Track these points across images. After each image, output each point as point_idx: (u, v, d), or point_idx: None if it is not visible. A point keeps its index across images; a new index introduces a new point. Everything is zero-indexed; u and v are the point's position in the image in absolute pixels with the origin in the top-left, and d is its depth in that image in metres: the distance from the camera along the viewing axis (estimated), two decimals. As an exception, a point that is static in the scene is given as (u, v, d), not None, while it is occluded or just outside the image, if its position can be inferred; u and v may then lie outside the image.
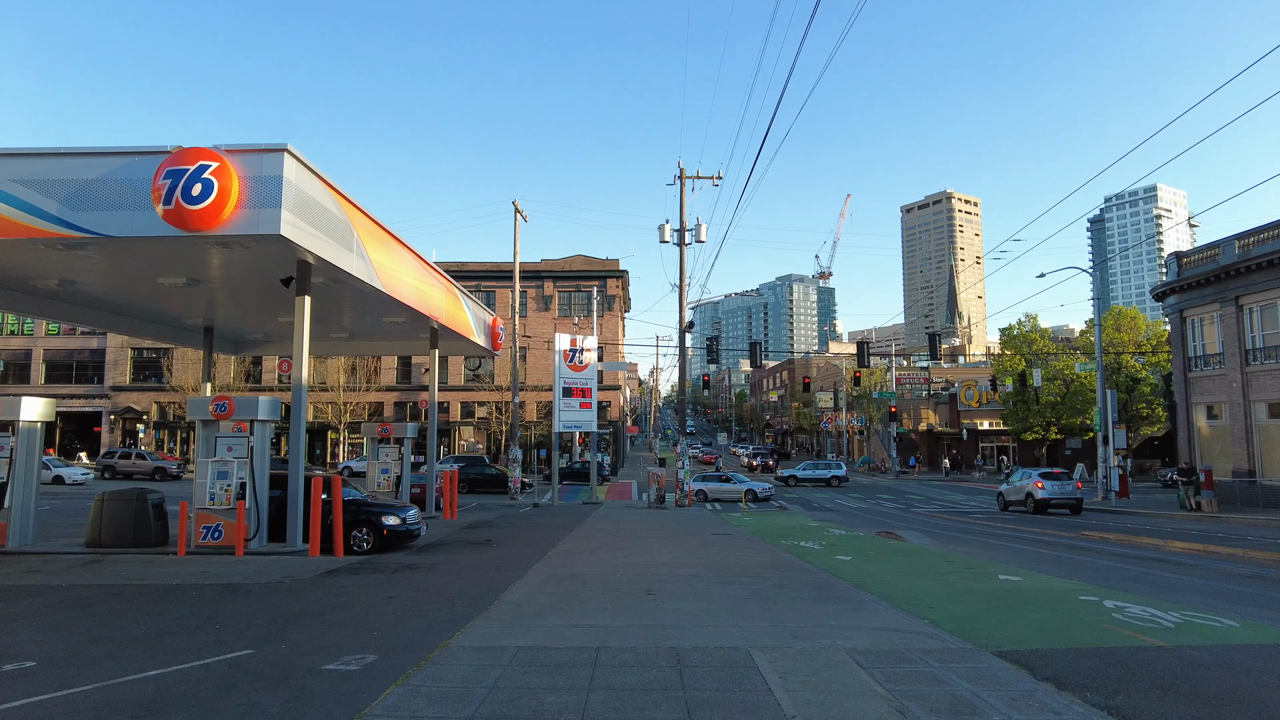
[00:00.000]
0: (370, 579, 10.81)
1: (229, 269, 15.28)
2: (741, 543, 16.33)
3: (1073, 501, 28.59)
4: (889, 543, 17.22)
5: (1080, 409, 55.08)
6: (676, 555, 13.57)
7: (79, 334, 60.07)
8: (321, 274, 15.05)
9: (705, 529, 19.89)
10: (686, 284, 33.36)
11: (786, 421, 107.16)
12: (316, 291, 17.25)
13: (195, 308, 20.31)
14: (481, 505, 29.61)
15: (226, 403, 14.32)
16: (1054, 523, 25.09)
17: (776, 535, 18.39)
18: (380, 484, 22.60)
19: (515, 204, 37.87)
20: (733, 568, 11.96)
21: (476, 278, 54.68)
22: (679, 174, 33.69)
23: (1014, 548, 17.03)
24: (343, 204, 13.30)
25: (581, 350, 32.50)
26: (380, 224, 15.31)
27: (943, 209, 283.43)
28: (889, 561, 13.32)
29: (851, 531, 20.05)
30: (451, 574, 11.29)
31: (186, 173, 10.70)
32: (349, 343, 26.24)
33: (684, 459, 31.73)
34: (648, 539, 16.68)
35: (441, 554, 14.30)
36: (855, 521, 25.42)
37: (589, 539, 16.60)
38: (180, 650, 6.65)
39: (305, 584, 10.36)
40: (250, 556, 13.48)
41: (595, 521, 21.67)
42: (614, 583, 10.22)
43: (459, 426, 56.19)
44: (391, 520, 15.46)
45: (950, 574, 11.66)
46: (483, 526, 19.91)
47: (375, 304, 18.42)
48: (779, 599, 9.17)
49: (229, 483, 14.11)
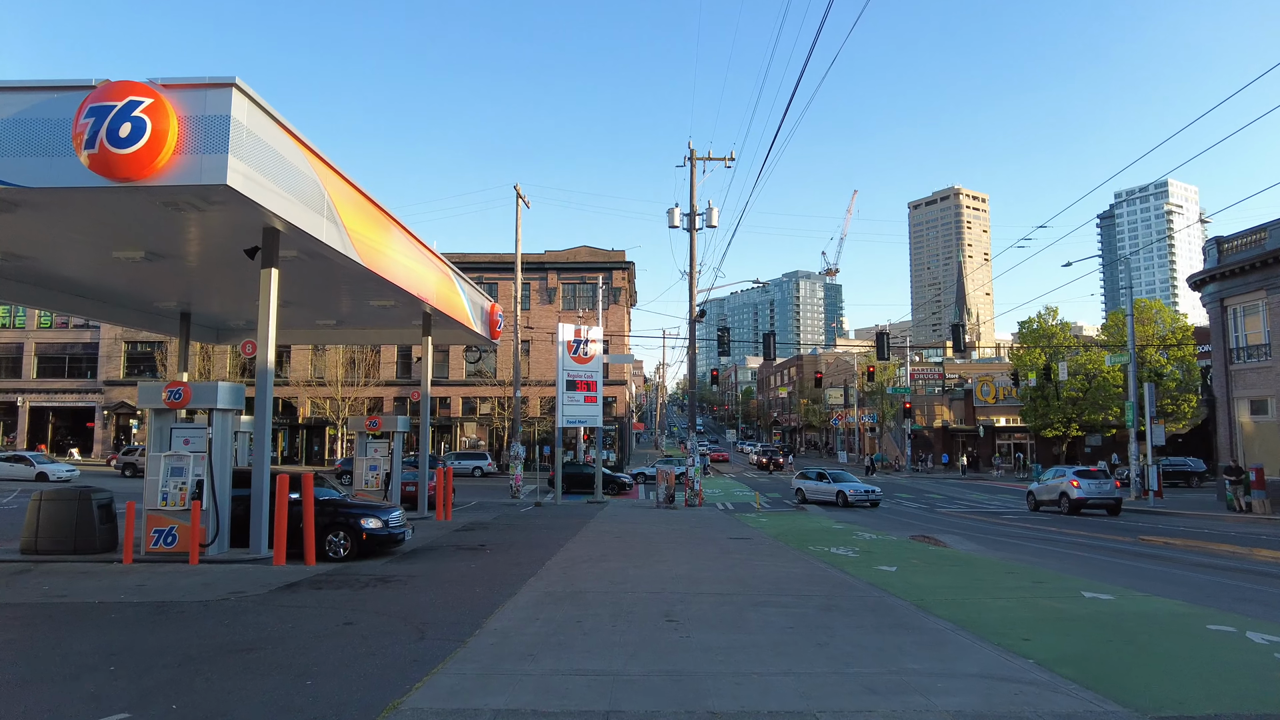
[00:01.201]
0: (333, 596, 9.03)
1: (189, 239, 13.53)
2: (765, 549, 14.52)
3: (1111, 502, 26.69)
4: (931, 549, 15.39)
5: (1102, 405, 53.05)
6: (695, 565, 11.76)
7: (72, 327, 58.55)
8: (294, 245, 13.29)
9: (721, 532, 18.09)
10: (697, 271, 31.55)
11: (794, 419, 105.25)
12: (291, 267, 15.50)
13: (167, 289, 18.59)
14: (481, 504, 27.85)
15: (181, 390, 12.57)
16: (1096, 524, 23.21)
17: (801, 540, 16.58)
18: (369, 482, 20.84)
19: (517, 188, 36.08)
20: (764, 582, 10.15)
21: (478, 269, 52.84)
22: (689, 155, 31.86)
23: (1073, 555, 15.17)
24: (311, 159, 11.51)
25: (586, 341, 30.67)
26: (359, 188, 13.53)
27: (950, 205, 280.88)
28: (942, 573, 11.50)
29: (882, 535, 18.22)
30: (431, 589, 9.49)
31: (113, 110, 8.92)
32: (338, 330, 24.48)
33: (695, 455, 29.92)
34: (660, 545, 14.88)
35: (426, 562, 12.52)
36: (881, 523, 23.57)
37: (594, 544, 14.81)
38: (36, 711, 4.88)
39: (252, 603, 8.58)
40: (205, 565, 11.73)
41: (601, 523, 19.88)
42: (624, 604, 8.42)
43: (461, 423, 54.47)
44: (371, 523, 13.70)
45: (1022, 590, 9.84)
46: (478, 529, 18.14)
47: (359, 284, 16.66)
48: (832, 628, 7.36)
49: (184, 480, 12.36)
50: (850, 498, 29.97)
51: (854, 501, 29.74)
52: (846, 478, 32.04)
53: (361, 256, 13.64)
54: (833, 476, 31.88)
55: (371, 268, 14.25)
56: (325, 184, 12.11)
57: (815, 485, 31.75)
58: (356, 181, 13.61)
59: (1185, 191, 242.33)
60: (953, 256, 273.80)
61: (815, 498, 31.19)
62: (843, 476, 32.14)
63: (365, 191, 13.91)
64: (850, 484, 31.08)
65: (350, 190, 13.22)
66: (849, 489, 30.46)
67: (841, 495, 30.25)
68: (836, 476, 31.95)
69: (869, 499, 29.93)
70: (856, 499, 29.79)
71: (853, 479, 31.94)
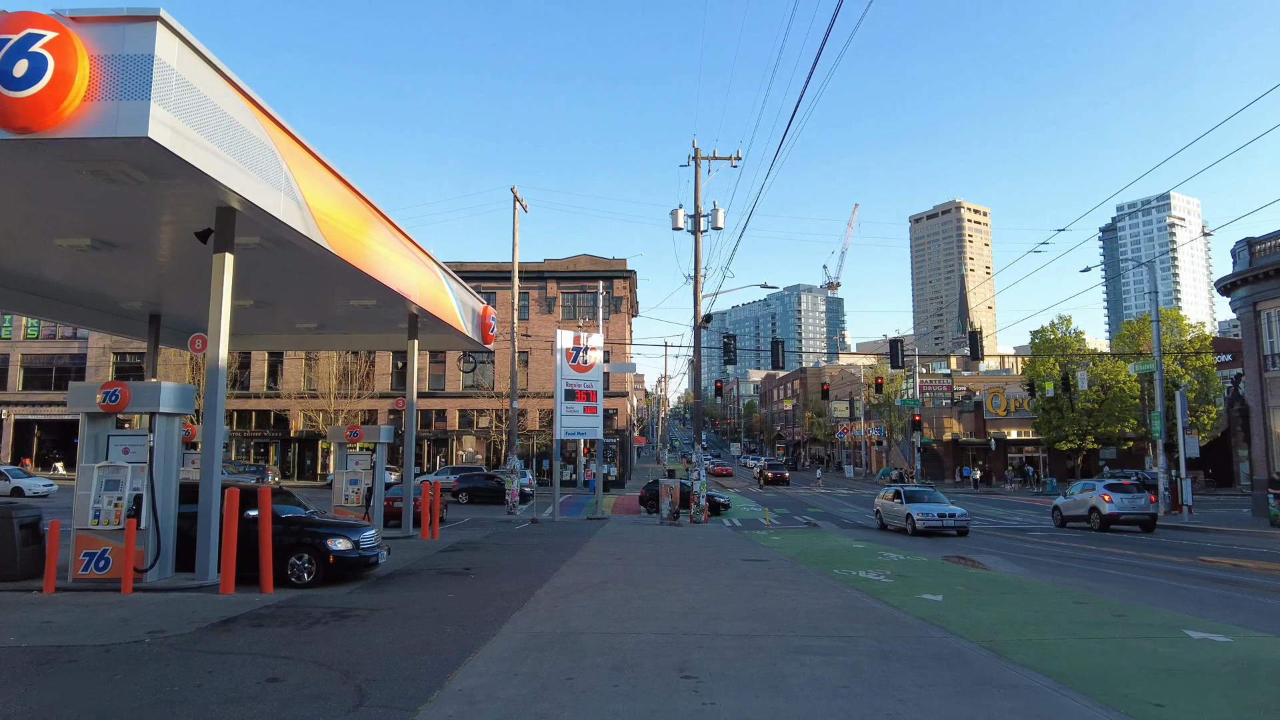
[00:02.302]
0: (270, 637, 7.36)
1: (138, 224, 11.97)
2: (786, 573, 12.82)
3: (1146, 517, 24.94)
4: (970, 572, 13.69)
5: (1119, 416, 51.33)
6: (710, 595, 10.07)
7: (59, 338, 57.08)
8: (255, 230, 11.74)
9: (733, 552, 16.40)
10: (702, 275, 30.00)
11: (799, 432, 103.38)
12: (258, 260, 13.94)
13: (131, 287, 17.03)
14: (475, 521, 26.14)
15: (119, 391, 10.95)
16: (1135, 541, 21.48)
17: (823, 561, 14.88)
18: (349, 497, 19.14)
19: (514, 191, 34.60)
20: (795, 618, 8.47)
21: (475, 278, 51.29)
22: (693, 154, 30.43)
23: (1131, 578, 13.47)
24: (264, 122, 9.94)
25: (586, 349, 29.05)
26: (330, 165, 11.95)
27: (952, 219, 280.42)
28: (998, 603, 9.82)
29: (909, 555, 16.52)
30: (392, 628, 7.81)
31: (6, 44, 7.36)
32: (321, 335, 22.88)
33: (699, 469, 28.24)
34: (667, 568, 13.19)
35: (398, 590, 10.85)
36: (902, 540, 21.86)
37: (592, 568, 13.12)
38: None
39: (167, 648, 6.92)
40: (139, 595, 10.06)
41: (601, 542, 18.19)
42: (627, 651, 6.75)
43: (457, 436, 52.75)
44: (340, 544, 12.05)
45: (1105, 625, 8.16)
46: (465, 549, 16.44)
47: (334, 279, 15.07)
48: (899, 687, 5.69)
49: (120, 495, 10.72)
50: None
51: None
52: (935, 497, 25.02)
53: (331, 243, 12.05)
54: (916, 496, 25.01)
55: (345, 257, 12.65)
56: (284, 154, 10.54)
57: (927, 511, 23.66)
58: (330, 161, 12.07)
59: (1187, 204, 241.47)
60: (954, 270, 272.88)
61: (930, 528, 23.31)
62: (927, 495, 25.15)
63: (338, 171, 12.35)
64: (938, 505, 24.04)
65: (318, 166, 11.66)
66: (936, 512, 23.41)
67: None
68: (927, 495, 25.15)
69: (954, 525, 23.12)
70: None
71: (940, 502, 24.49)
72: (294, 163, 10.84)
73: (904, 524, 24.21)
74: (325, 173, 11.92)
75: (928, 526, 23.19)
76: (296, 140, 10.88)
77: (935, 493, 25.93)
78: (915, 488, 26.80)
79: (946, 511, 23.54)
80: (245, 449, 53.36)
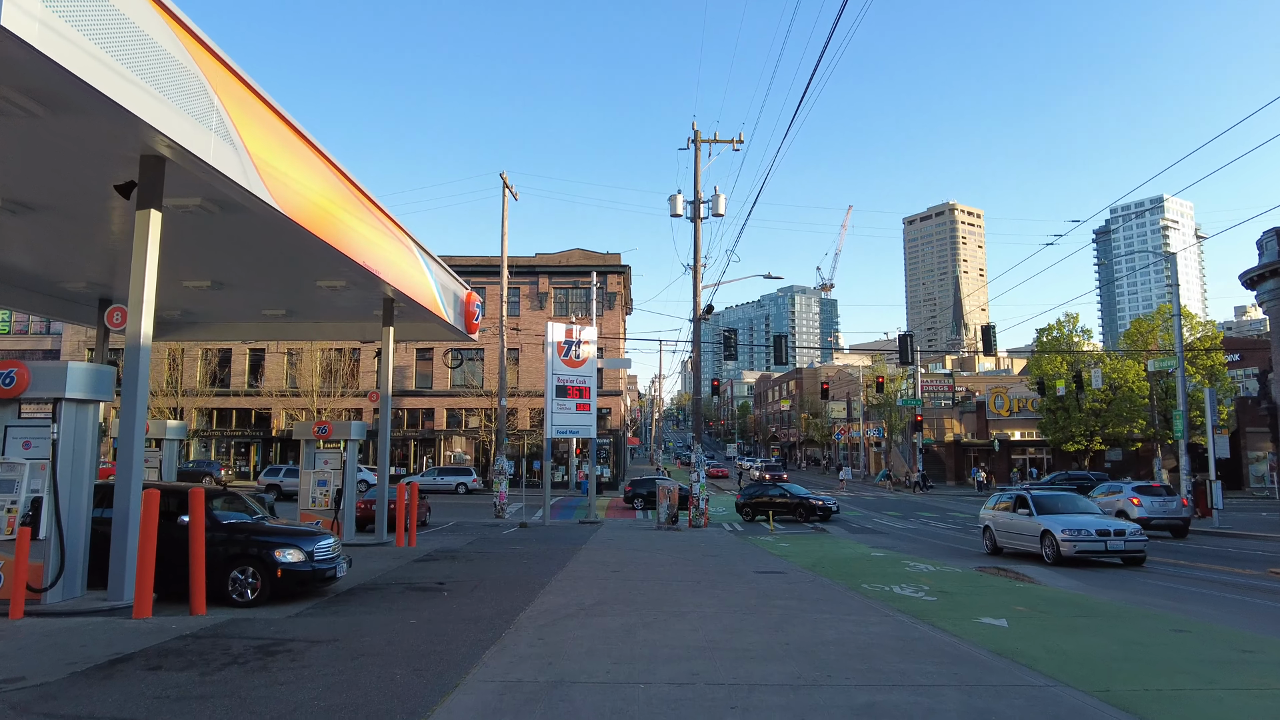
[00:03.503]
0: (159, 688, 5.54)
1: (52, 178, 10.13)
2: (809, 589, 11.06)
3: (1178, 522, 23.31)
4: (1020, 586, 11.96)
5: (1127, 416, 49.76)
6: (729, 621, 8.29)
7: (31, 333, 54.86)
8: (194, 189, 9.95)
9: (742, 562, 14.64)
10: (702, 264, 28.26)
11: (794, 434, 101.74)
12: (204, 228, 12.14)
13: (71, 264, 15.19)
14: (460, 525, 24.32)
15: (15, 372, 9.09)
16: (1175, 549, 19.78)
17: (846, 573, 13.14)
18: (316, 500, 17.28)
19: (503, 176, 32.86)
20: (844, 655, 6.69)
21: (464, 273, 49.00)
22: (693, 137, 28.71)
23: (1211, 595, 11.77)
24: (182, 37, 8.09)
25: (579, 342, 27.22)
26: (271, 102, 10.05)
27: (945, 221, 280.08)
28: (1079, 631, 8.08)
29: (939, 565, 14.78)
30: (324, 676, 5.98)
31: None
32: (291, 323, 21.00)
33: (699, 469, 26.50)
34: (672, 583, 11.41)
35: (353, 612, 9.03)
36: (920, 547, 20.15)
37: (586, 583, 11.32)
38: None
39: (7, 709, 5.08)
40: (33, 620, 8.21)
41: (595, 550, 16.40)
42: (637, 716, 4.96)
43: (445, 436, 50.81)
44: (290, 555, 10.24)
45: (1241, 667, 6.43)
46: (442, 559, 14.62)
47: (292, 251, 13.24)
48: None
49: (14, 498, 8.87)
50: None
51: None
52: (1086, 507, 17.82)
53: (282, 202, 10.21)
54: (1052, 504, 17.41)
55: (302, 222, 10.81)
56: (216, 87, 8.71)
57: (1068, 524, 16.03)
58: (280, 106, 10.25)
59: (1181, 207, 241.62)
60: (948, 272, 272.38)
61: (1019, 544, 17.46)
62: (1068, 503, 17.70)
63: (289, 117, 10.51)
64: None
65: (261, 108, 9.81)
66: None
67: None
68: (1067, 504, 17.70)
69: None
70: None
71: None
72: (229, 99, 9.00)
73: (1037, 547, 16.38)
74: (271, 117, 10.07)
75: (1082, 551, 15.50)
76: (232, 71, 9.04)
77: (1077, 497, 18.98)
78: (1049, 492, 19.20)
79: (1109, 527, 15.78)
80: (225, 448, 51.28)
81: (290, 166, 10.58)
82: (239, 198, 9.82)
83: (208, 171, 8.83)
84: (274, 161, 10.04)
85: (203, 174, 8.99)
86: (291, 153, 10.73)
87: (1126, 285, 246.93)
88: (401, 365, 51.24)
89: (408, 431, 50.88)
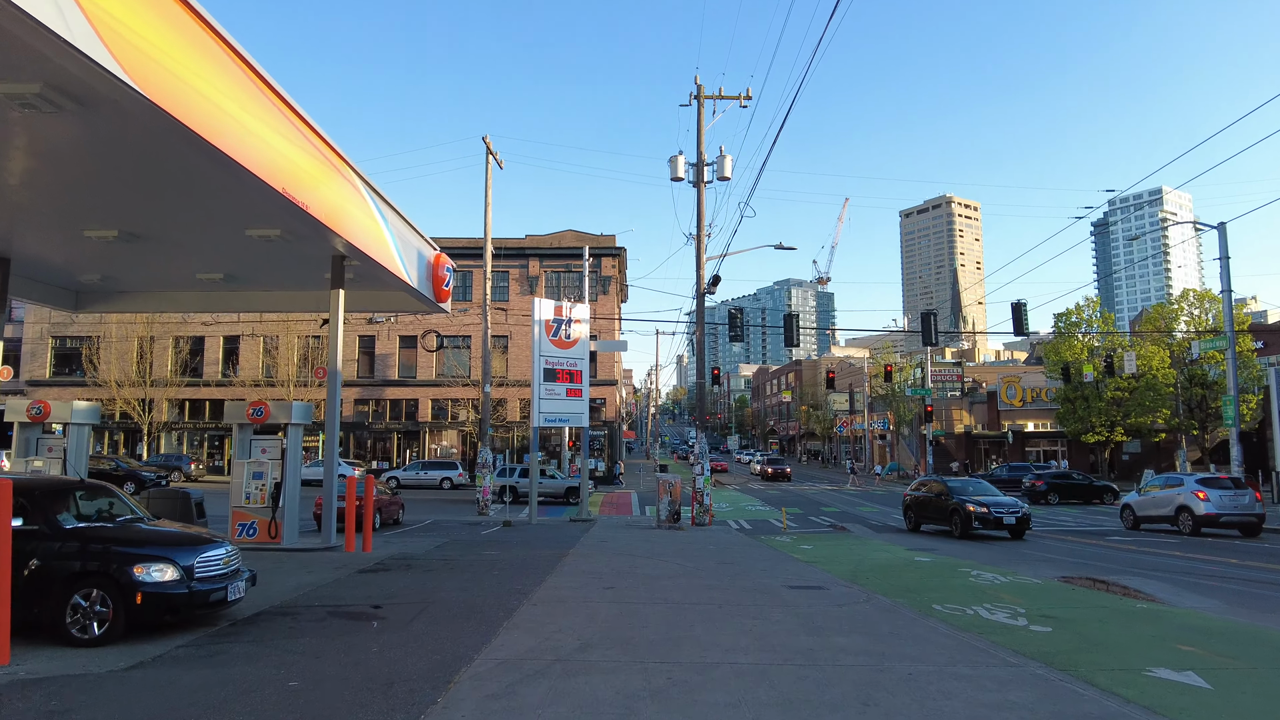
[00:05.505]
0: None
1: None
2: (871, 617, 8.20)
3: (1251, 520, 20.52)
4: (1145, 607, 9.11)
5: (1150, 406, 47.04)
6: (785, 689, 5.40)
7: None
8: (29, 70, 7.03)
9: (765, 573, 11.77)
10: (706, 233, 25.38)
11: (793, 426, 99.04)
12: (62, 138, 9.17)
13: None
14: (436, 524, 21.42)
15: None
16: (1257, 551, 17.01)
17: (903, 589, 10.30)
18: (250, 495, 14.29)
19: (486, 141, 29.91)
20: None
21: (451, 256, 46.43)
22: (695, 93, 25.87)
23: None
24: None
25: (569, 321, 24.25)
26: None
27: (942, 213, 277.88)
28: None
29: (1013, 576, 11.92)
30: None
31: None
32: (233, 292, 17.99)
33: (703, 461, 23.64)
34: (685, 606, 8.53)
35: (224, 664, 6.12)
36: (965, 548, 17.32)
37: (569, 608, 8.43)
38: None
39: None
40: None
41: (586, 556, 13.51)
42: None
43: (431, 429, 47.79)
44: (158, 573, 7.35)
45: None
46: (396, 569, 11.69)
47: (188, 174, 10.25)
48: None
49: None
50: None
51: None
52: None
53: (140, 79, 7.25)
54: None
55: (171, 109, 7.86)
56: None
57: None
58: None
59: (1179, 199, 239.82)
60: (945, 265, 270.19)
61: None
62: None
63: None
64: None
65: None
66: None
67: None
68: None
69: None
70: None
71: None
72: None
73: None
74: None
75: None
76: None
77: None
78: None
79: None
80: (198, 441, 48.12)
81: (154, 31, 7.60)
82: (80, 72, 6.86)
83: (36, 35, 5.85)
84: (124, 18, 7.07)
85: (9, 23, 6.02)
86: (175, 29, 7.76)
87: (1125, 278, 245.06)
88: (385, 354, 48.29)
89: (391, 424, 47.91)
